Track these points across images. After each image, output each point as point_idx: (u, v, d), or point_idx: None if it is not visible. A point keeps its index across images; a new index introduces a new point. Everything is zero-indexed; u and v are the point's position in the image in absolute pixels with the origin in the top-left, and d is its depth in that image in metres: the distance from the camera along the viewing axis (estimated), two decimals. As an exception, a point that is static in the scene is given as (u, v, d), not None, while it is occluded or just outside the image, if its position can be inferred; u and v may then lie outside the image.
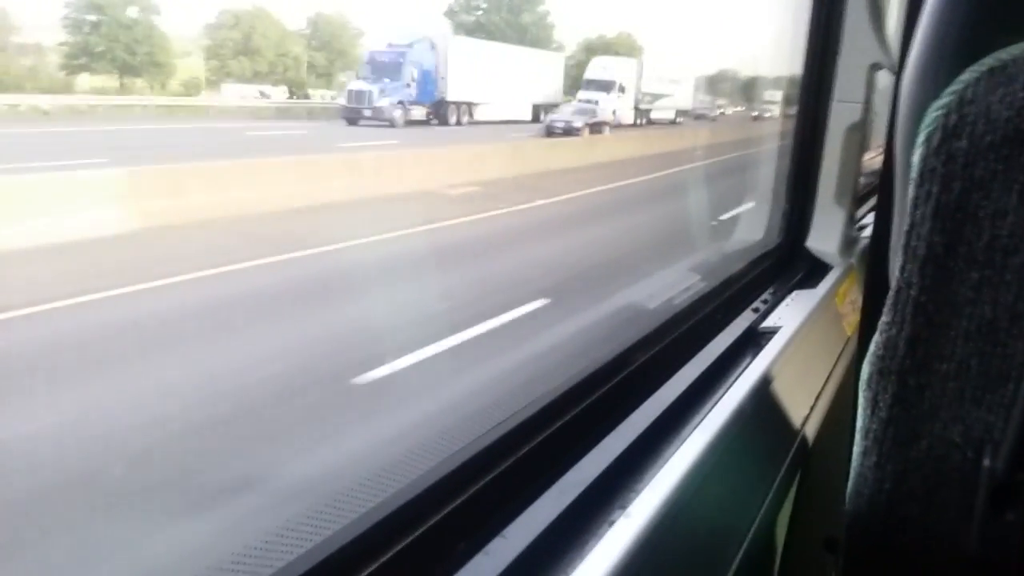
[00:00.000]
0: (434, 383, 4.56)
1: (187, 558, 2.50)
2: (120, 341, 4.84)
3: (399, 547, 0.75)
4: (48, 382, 3.99)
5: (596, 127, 22.08)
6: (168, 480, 3.10)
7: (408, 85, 19.26)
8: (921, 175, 0.69)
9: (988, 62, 0.66)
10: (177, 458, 3.30)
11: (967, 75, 0.67)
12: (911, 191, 0.70)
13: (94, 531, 2.77)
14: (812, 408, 1.43)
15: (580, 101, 24.97)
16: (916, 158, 0.69)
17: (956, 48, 0.76)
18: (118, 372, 4.34)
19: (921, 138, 0.69)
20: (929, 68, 0.77)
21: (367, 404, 4.16)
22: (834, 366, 1.65)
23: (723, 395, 1.17)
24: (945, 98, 0.67)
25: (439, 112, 20.73)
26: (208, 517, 2.89)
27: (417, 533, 0.77)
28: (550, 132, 20.74)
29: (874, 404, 0.76)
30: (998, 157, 0.66)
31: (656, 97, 28.68)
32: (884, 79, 1.94)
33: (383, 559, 0.74)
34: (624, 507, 0.87)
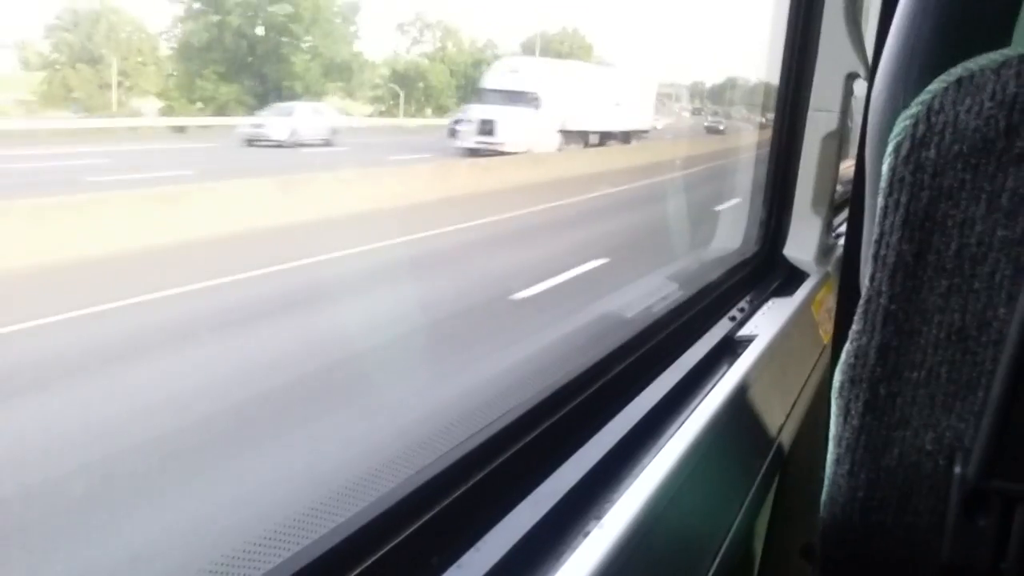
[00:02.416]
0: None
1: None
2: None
3: (370, 561, 0.75)
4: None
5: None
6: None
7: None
8: (890, 184, 0.69)
9: (956, 72, 0.67)
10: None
11: (935, 85, 0.67)
12: (880, 200, 0.70)
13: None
14: (788, 416, 1.43)
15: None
16: (885, 167, 0.69)
17: (925, 58, 0.77)
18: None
19: (890, 147, 0.69)
20: (898, 77, 0.78)
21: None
22: (810, 374, 1.66)
23: (699, 404, 1.17)
24: (913, 108, 0.68)
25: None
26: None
27: (389, 547, 0.77)
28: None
29: (846, 412, 0.76)
30: (966, 166, 0.66)
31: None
32: (861, 88, 1.96)
33: (355, 573, 0.73)
34: (599, 518, 0.86)
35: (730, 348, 1.48)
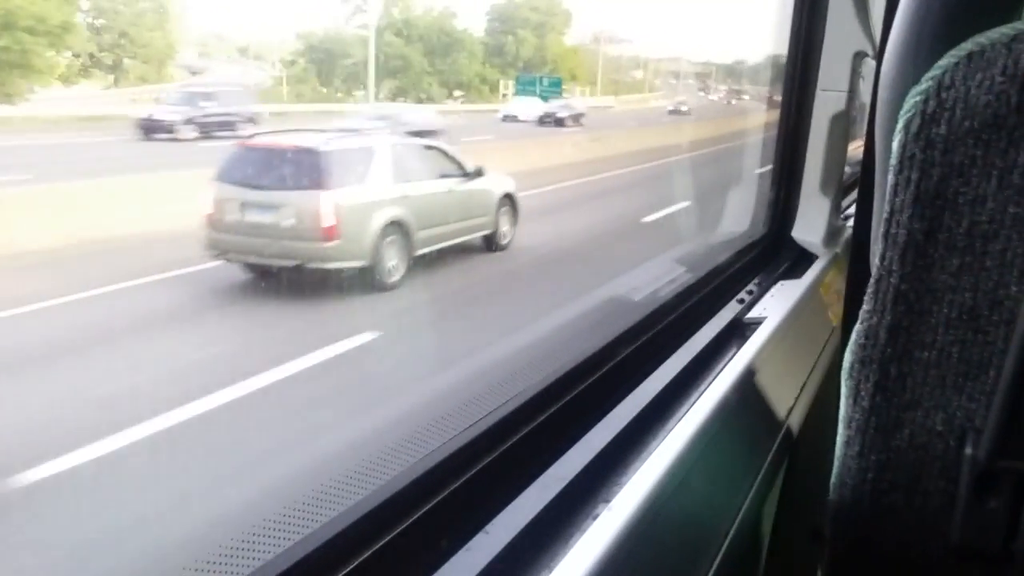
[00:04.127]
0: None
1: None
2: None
3: (381, 544, 0.75)
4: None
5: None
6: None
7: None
8: (900, 162, 0.68)
9: (967, 47, 0.66)
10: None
11: (946, 60, 0.66)
12: (890, 178, 0.69)
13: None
14: (797, 398, 1.43)
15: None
16: (895, 144, 0.68)
17: (935, 33, 0.76)
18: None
19: (900, 124, 0.68)
20: (908, 53, 0.77)
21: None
22: (819, 356, 1.65)
23: (708, 387, 1.17)
24: (924, 84, 0.67)
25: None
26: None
27: (399, 530, 0.77)
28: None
29: (856, 393, 0.76)
30: (977, 143, 0.66)
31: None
32: (869, 67, 1.94)
33: (364, 556, 0.73)
34: (607, 500, 0.87)
35: (739, 331, 1.47)
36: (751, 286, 1.73)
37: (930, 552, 0.77)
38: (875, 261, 0.73)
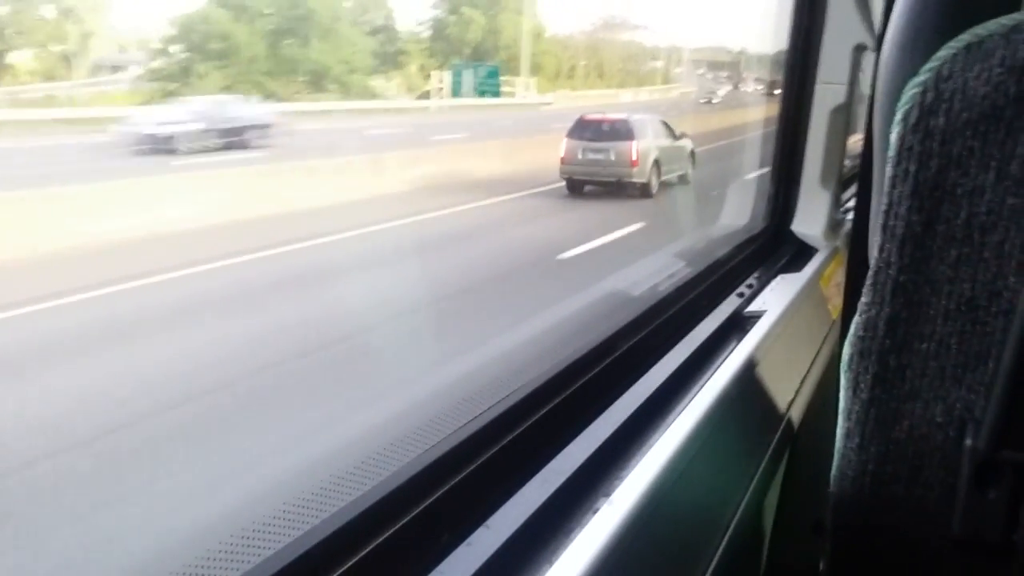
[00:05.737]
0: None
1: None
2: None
3: (381, 539, 0.75)
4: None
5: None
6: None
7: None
8: (899, 153, 0.68)
9: (965, 38, 0.66)
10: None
11: (944, 52, 0.66)
12: (889, 170, 0.69)
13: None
14: (798, 391, 1.43)
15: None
16: (894, 136, 0.68)
17: (934, 25, 0.76)
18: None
19: (899, 116, 0.68)
20: (907, 45, 0.77)
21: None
22: (819, 349, 1.65)
23: (708, 380, 1.17)
24: (922, 75, 0.67)
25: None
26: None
27: (399, 525, 0.77)
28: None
29: (855, 385, 0.76)
30: (975, 134, 0.65)
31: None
32: (870, 60, 1.93)
33: (365, 551, 0.73)
34: (608, 494, 0.87)
35: (739, 324, 1.47)
36: (751, 280, 1.73)
37: (931, 542, 0.77)
38: (873, 253, 0.73)
